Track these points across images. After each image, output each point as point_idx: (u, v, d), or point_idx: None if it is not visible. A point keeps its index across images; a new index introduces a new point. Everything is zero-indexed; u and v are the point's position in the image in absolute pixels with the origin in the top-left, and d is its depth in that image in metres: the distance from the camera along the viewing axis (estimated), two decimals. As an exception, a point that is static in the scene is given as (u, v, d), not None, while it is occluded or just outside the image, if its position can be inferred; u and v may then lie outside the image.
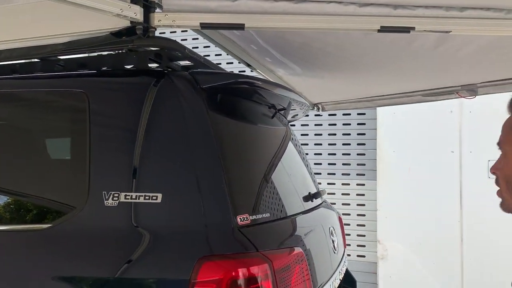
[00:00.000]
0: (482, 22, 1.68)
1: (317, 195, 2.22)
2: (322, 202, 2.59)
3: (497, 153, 1.93)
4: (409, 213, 4.94)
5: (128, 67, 1.80)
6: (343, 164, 5.50)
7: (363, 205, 5.37)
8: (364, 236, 5.37)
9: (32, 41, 1.86)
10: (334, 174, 5.54)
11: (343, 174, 5.49)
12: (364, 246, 5.38)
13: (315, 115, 5.48)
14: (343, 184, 5.48)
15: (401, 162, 5.03)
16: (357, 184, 5.40)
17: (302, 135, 5.67)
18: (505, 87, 2.76)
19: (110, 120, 1.62)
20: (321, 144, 5.60)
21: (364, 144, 5.44)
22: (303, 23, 1.70)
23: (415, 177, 4.94)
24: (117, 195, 1.47)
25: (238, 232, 1.42)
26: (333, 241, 2.11)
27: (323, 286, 1.81)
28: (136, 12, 1.61)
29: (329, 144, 5.57)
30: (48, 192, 1.63)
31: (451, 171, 4.84)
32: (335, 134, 5.56)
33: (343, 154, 5.51)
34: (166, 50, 1.78)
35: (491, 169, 1.23)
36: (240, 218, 1.46)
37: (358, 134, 5.46)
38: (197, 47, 5.74)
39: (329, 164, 5.56)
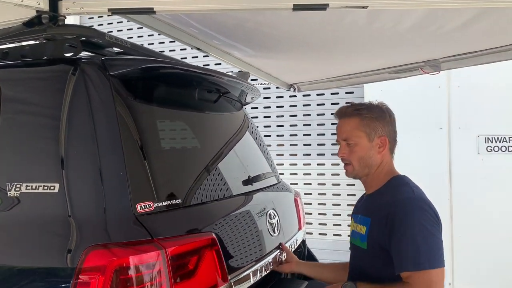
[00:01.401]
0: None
1: (256, 178, 2.20)
2: (276, 184, 2.57)
3: (487, 128, 4.40)
4: (397, 192, 4.87)
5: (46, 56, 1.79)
6: (332, 144, 5.43)
7: (353, 185, 5.31)
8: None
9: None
10: (323, 154, 5.49)
11: (332, 154, 5.44)
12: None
13: (303, 95, 5.43)
14: (332, 164, 5.43)
15: (390, 141, 4.94)
16: (347, 164, 5.35)
17: (290, 116, 5.63)
18: (465, 61, 2.66)
19: (17, 112, 1.63)
20: (310, 125, 5.55)
21: (353, 123, 5.36)
22: (213, 4, 1.66)
23: (403, 156, 4.83)
24: (19, 185, 1.49)
25: (136, 220, 1.42)
26: (271, 224, 2.09)
27: (250, 269, 1.81)
28: (39, 1, 1.60)
29: (318, 125, 5.51)
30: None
31: (439, 148, 4.73)
32: (323, 114, 5.49)
33: (332, 134, 5.44)
34: (83, 37, 1.77)
35: (339, 155, 1.91)
36: (140, 206, 1.46)
37: (347, 113, 5.38)
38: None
39: (318, 144, 5.51)
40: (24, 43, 1.86)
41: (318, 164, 5.50)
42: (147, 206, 1.47)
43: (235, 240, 1.77)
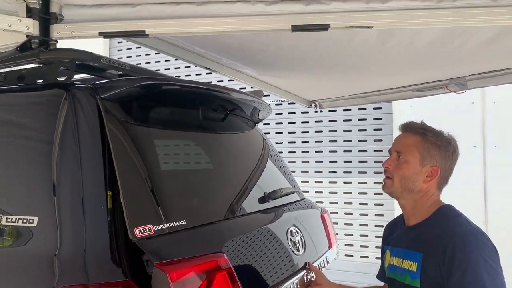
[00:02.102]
0: (409, 13, 1.47)
1: (273, 195, 2.06)
2: (298, 201, 2.43)
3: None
4: (428, 213, 4.61)
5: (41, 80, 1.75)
6: (360, 161, 5.24)
7: (381, 204, 5.08)
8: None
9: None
10: (350, 172, 5.29)
11: (359, 172, 5.23)
12: (383, 247, 5.11)
13: (329, 111, 5.27)
14: (359, 182, 5.22)
15: (420, 159, 4.70)
16: (375, 183, 5.11)
17: (316, 132, 5.47)
18: (495, 79, 2.45)
19: (3, 138, 1.58)
20: (336, 141, 5.37)
21: (381, 140, 5.14)
22: (209, 26, 1.57)
23: (435, 175, 4.59)
24: (-1, 217, 1.43)
25: (122, 253, 1.33)
26: (293, 242, 1.96)
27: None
28: (29, 26, 1.56)
29: (344, 141, 5.33)
30: None
31: (474, 167, 4.46)
32: (350, 131, 5.31)
33: (359, 151, 5.25)
34: (78, 61, 1.72)
35: (384, 165, 1.72)
36: (139, 230, 1.37)
37: (375, 129, 5.17)
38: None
39: (344, 162, 5.31)
40: (22, 67, 1.84)
41: (344, 182, 5.31)
42: (147, 230, 1.39)
43: (252, 261, 1.66)
